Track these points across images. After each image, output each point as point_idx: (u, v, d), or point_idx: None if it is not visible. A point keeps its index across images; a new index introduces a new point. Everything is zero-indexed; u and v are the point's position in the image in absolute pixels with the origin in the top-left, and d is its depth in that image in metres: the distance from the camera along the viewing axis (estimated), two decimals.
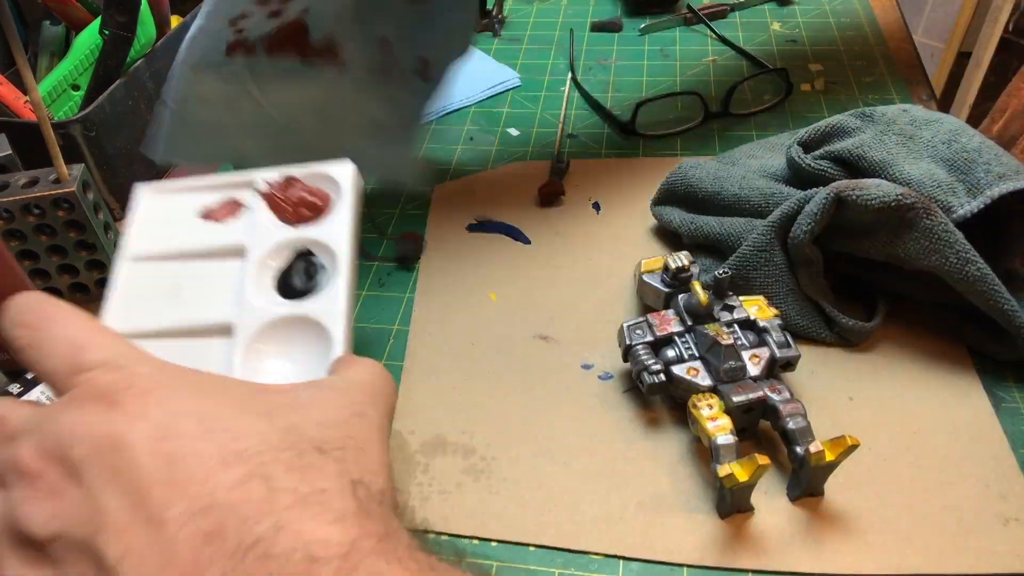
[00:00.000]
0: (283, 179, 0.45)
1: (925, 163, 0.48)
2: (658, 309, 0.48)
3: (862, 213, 0.45)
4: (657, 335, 0.46)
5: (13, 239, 0.54)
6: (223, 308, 0.41)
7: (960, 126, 0.50)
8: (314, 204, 0.44)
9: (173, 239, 0.44)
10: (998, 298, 0.44)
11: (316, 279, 0.42)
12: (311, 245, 0.43)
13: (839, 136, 0.52)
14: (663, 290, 0.49)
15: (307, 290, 0.41)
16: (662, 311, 0.47)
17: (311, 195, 0.45)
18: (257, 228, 0.43)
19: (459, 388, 0.50)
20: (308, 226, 0.43)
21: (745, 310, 0.46)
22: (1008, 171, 0.46)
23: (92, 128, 0.60)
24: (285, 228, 0.43)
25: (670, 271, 0.48)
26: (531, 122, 0.73)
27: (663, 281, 0.49)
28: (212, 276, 0.43)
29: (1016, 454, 0.43)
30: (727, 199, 0.54)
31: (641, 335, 0.46)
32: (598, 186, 0.64)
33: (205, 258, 0.43)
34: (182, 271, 0.43)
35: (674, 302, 0.47)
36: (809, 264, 0.48)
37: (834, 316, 0.48)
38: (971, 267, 0.44)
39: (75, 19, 0.69)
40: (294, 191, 0.45)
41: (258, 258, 0.42)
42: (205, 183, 0.47)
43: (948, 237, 0.44)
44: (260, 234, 0.43)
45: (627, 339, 0.46)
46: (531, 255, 0.59)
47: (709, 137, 0.68)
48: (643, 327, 0.46)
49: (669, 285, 0.49)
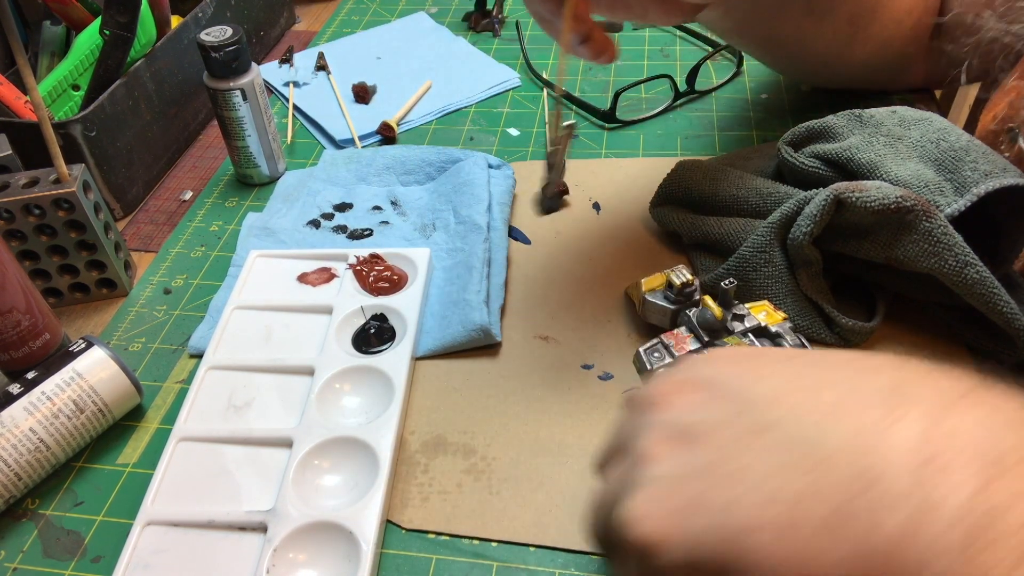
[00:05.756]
0: (369, 256, 0.56)
1: (913, 163, 0.48)
2: (664, 327, 0.47)
3: (862, 215, 0.45)
4: (677, 356, 0.44)
5: (13, 239, 0.54)
6: (309, 353, 0.51)
7: (948, 125, 0.50)
8: (392, 279, 0.55)
9: (273, 295, 0.55)
10: (997, 301, 0.44)
11: (384, 338, 0.51)
12: (386, 311, 0.53)
13: (828, 137, 0.53)
14: (669, 308, 0.47)
15: (378, 346, 0.51)
16: (674, 330, 0.45)
17: (391, 272, 0.55)
18: (343, 293, 0.54)
19: (459, 388, 0.50)
20: (385, 297, 0.53)
21: (755, 317, 0.45)
22: (995, 169, 0.46)
23: (92, 128, 0.60)
24: (365, 295, 0.54)
25: (675, 287, 0.47)
26: (531, 122, 0.73)
27: (667, 298, 0.48)
28: (302, 327, 0.53)
29: None
30: (725, 199, 0.54)
31: (660, 358, 0.44)
32: (598, 186, 0.64)
33: (298, 312, 0.54)
34: (276, 321, 0.53)
35: (683, 318, 0.46)
36: (809, 265, 0.48)
37: (834, 316, 0.48)
38: (970, 270, 0.44)
39: (75, 19, 0.69)
40: (376, 267, 0.55)
41: (342, 317, 0.52)
42: (305, 254, 0.58)
43: (947, 240, 0.44)
44: (345, 298, 0.53)
45: (647, 364, 0.44)
46: (531, 255, 0.59)
47: (709, 142, 0.68)
48: (660, 349, 0.44)
49: (674, 301, 0.47)
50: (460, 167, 0.62)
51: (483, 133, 0.72)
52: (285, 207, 0.64)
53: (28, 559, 0.43)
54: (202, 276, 0.60)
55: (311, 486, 0.43)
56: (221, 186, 0.68)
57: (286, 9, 0.91)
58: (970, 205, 0.45)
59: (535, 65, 0.79)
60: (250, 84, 0.62)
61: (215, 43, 0.60)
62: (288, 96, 0.78)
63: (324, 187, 0.65)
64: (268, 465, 0.45)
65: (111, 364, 0.47)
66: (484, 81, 0.78)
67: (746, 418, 0.26)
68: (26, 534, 0.44)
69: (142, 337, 0.55)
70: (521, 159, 0.68)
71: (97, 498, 0.46)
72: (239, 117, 0.63)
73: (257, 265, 0.57)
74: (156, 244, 0.63)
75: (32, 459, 0.44)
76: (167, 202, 0.68)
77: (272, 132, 0.66)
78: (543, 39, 0.85)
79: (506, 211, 0.60)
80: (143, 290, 0.59)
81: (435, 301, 0.54)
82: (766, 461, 0.24)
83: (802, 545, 0.22)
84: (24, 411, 0.44)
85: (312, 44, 0.88)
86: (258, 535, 0.41)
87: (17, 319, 0.49)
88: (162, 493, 0.44)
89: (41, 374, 0.46)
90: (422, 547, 0.42)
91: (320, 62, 0.82)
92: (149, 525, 0.42)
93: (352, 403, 0.48)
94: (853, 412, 0.24)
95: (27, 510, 0.45)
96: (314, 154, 0.71)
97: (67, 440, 0.46)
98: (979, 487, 0.21)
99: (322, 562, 0.40)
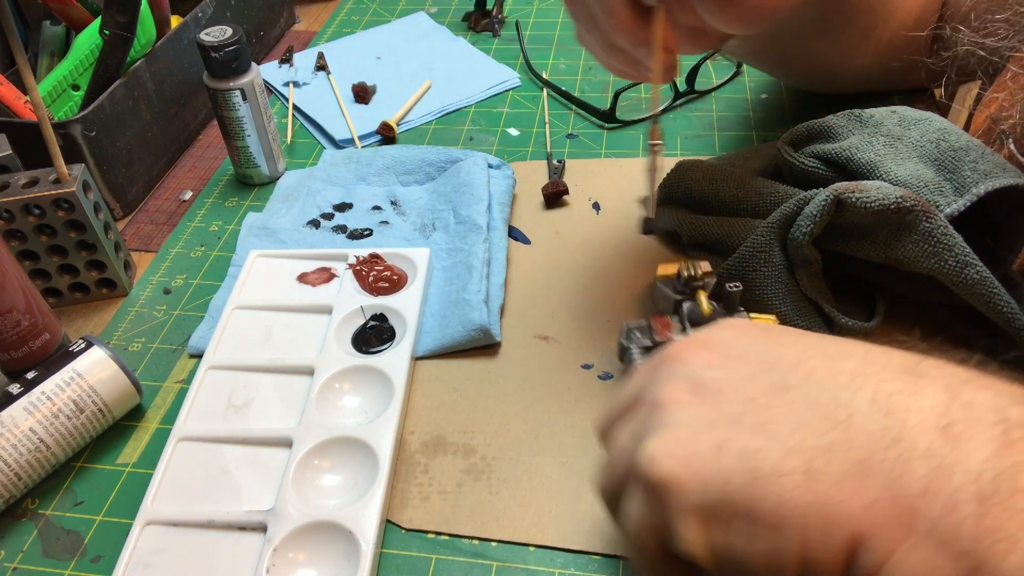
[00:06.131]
0: (369, 256, 0.56)
1: (913, 163, 0.48)
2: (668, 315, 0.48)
3: (861, 215, 0.45)
4: (655, 340, 0.45)
5: (13, 239, 0.54)
6: (309, 353, 0.51)
7: (948, 125, 0.50)
8: (392, 279, 0.54)
9: (273, 295, 0.55)
10: (997, 301, 0.44)
11: (384, 338, 0.51)
12: (385, 311, 0.53)
13: (828, 137, 0.53)
14: (673, 297, 0.48)
15: (378, 346, 0.51)
16: (667, 316, 0.47)
17: (390, 272, 0.55)
18: (343, 293, 0.54)
19: (459, 388, 0.50)
20: (384, 296, 0.53)
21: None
22: (994, 169, 0.46)
23: (92, 128, 0.60)
24: (365, 295, 0.53)
25: (682, 279, 0.47)
26: (531, 122, 0.73)
27: (674, 288, 0.48)
28: (302, 327, 0.53)
29: None
30: (725, 199, 0.54)
31: (639, 337, 0.46)
32: (598, 186, 0.64)
33: (297, 312, 0.54)
34: (276, 321, 0.53)
35: (681, 310, 0.47)
36: (808, 265, 0.48)
37: (833, 316, 0.48)
38: (970, 270, 0.44)
39: (75, 19, 0.69)
40: (376, 267, 0.55)
41: (341, 317, 0.52)
42: (305, 254, 0.57)
43: (947, 240, 0.44)
44: (344, 298, 0.53)
45: (624, 339, 0.46)
46: (531, 255, 0.59)
47: (708, 139, 0.68)
48: (644, 330, 0.46)
49: (680, 292, 0.48)
50: (460, 167, 0.62)
51: (483, 133, 0.72)
52: (285, 207, 0.64)
53: (28, 559, 0.43)
54: (202, 276, 0.60)
55: (311, 486, 0.43)
56: (221, 186, 0.68)
57: (286, 9, 0.91)
58: (970, 205, 0.45)
59: (535, 65, 0.79)
60: (250, 84, 0.62)
61: (215, 43, 0.60)
62: (288, 96, 0.78)
63: (324, 187, 0.65)
64: (268, 465, 0.45)
65: (111, 364, 0.47)
66: (484, 81, 0.78)
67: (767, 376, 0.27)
68: (26, 534, 0.44)
69: (142, 337, 0.55)
70: (521, 159, 0.68)
71: (97, 498, 0.46)
72: (239, 117, 0.63)
73: (257, 265, 0.57)
74: (156, 244, 0.63)
75: (32, 459, 0.44)
76: (167, 202, 0.68)
77: (272, 132, 0.66)
78: (543, 39, 0.85)
79: (506, 211, 0.60)
80: (143, 290, 0.59)
81: (435, 301, 0.54)
82: (789, 417, 0.25)
83: (828, 491, 0.23)
84: (24, 411, 0.44)
85: (312, 44, 0.88)
86: (258, 535, 0.41)
87: (17, 319, 0.49)
88: (162, 493, 0.44)
89: (41, 374, 0.46)
90: (422, 547, 0.42)
91: (320, 62, 0.82)
92: (149, 525, 0.42)
93: (352, 403, 0.48)
94: (872, 381, 0.25)
95: (27, 510, 0.45)
96: (314, 154, 0.71)
97: (67, 440, 0.46)
98: (995, 451, 0.22)
99: (322, 562, 0.40)
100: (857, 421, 0.24)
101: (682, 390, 0.28)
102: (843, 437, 0.24)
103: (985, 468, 0.22)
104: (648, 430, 0.27)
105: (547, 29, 0.87)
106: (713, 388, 0.27)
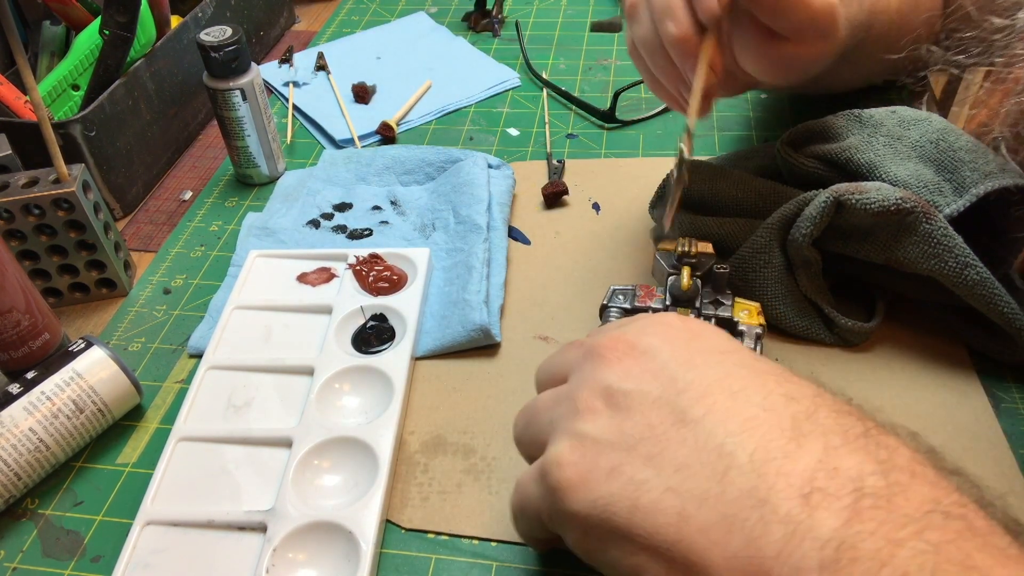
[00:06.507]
0: (368, 256, 0.56)
1: (913, 164, 0.48)
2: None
3: (861, 217, 0.45)
4: (635, 304, 0.47)
5: (13, 239, 0.54)
6: (309, 353, 0.51)
7: (947, 126, 0.50)
8: (391, 279, 0.54)
9: (273, 295, 0.55)
10: (997, 301, 0.44)
11: (384, 338, 0.51)
12: (385, 311, 0.53)
13: (828, 138, 0.53)
14: (667, 269, 0.48)
15: (377, 346, 0.51)
16: (654, 287, 0.48)
17: (390, 272, 0.55)
18: (342, 293, 0.54)
19: (459, 388, 0.50)
20: (384, 296, 0.53)
21: (730, 310, 0.46)
22: (994, 169, 0.46)
23: (92, 128, 0.60)
24: (365, 295, 0.53)
25: (676, 253, 0.48)
26: (531, 122, 0.73)
27: (669, 262, 0.49)
28: (302, 327, 0.53)
29: (1016, 454, 0.43)
30: (725, 199, 0.54)
31: (621, 300, 0.47)
32: (598, 186, 0.64)
33: (297, 312, 0.54)
34: (276, 321, 0.53)
35: (666, 282, 0.48)
36: (808, 265, 0.48)
37: (833, 317, 0.48)
38: (970, 271, 0.44)
39: (75, 19, 0.69)
40: (376, 267, 0.55)
41: (341, 317, 0.52)
42: (305, 254, 0.57)
43: (947, 241, 0.44)
44: (344, 298, 0.53)
45: (606, 299, 0.47)
46: (531, 255, 0.59)
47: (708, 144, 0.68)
48: (627, 294, 0.47)
49: (674, 267, 0.48)
50: (460, 167, 0.62)
51: (483, 133, 0.72)
52: (285, 207, 0.64)
53: (28, 559, 0.43)
54: (202, 276, 0.60)
55: (311, 486, 0.43)
56: (221, 186, 0.68)
57: (286, 9, 0.91)
58: (969, 205, 0.45)
59: (535, 65, 0.79)
60: (250, 84, 0.62)
61: (215, 43, 0.60)
62: (288, 96, 0.78)
63: (324, 187, 0.65)
64: (268, 465, 0.45)
65: (111, 364, 0.47)
66: (484, 81, 0.78)
67: (672, 402, 0.29)
68: (26, 534, 0.44)
69: (142, 337, 0.55)
70: (521, 159, 0.68)
71: (97, 498, 0.46)
72: (239, 117, 0.63)
73: (257, 265, 0.57)
74: (156, 244, 0.63)
75: (32, 459, 0.44)
76: (167, 202, 0.68)
77: (272, 132, 0.66)
78: (543, 39, 0.85)
79: (506, 211, 0.60)
80: (143, 290, 0.59)
81: (435, 301, 0.54)
82: (678, 454, 0.28)
83: (693, 536, 0.26)
84: (24, 411, 0.44)
85: (312, 44, 0.88)
86: (258, 535, 0.41)
87: (17, 319, 0.49)
88: (162, 493, 0.44)
89: (41, 374, 0.46)
90: (422, 547, 0.42)
91: (320, 62, 0.82)
92: (149, 525, 0.42)
93: (352, 403, 0.48)
94: (759, 433, 0.27)
95: (27, 510, 0.45)
96: (314, 154, 0.71)
97: (67, 440, 0.46)
98: (844, 521, 0.24)
99: (322, 562, 0.40)
100: (732, 476, 0.26)
101: (598, 397, 0.31)
102: (717, 490, 0.26)
103: (832, 537, 0.24)
104: (563, 430, 0.31)
105: (547, 29, 0.87)
106: (624, 404, 0.30)
